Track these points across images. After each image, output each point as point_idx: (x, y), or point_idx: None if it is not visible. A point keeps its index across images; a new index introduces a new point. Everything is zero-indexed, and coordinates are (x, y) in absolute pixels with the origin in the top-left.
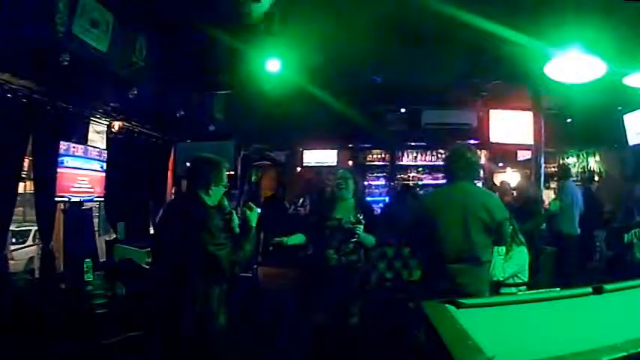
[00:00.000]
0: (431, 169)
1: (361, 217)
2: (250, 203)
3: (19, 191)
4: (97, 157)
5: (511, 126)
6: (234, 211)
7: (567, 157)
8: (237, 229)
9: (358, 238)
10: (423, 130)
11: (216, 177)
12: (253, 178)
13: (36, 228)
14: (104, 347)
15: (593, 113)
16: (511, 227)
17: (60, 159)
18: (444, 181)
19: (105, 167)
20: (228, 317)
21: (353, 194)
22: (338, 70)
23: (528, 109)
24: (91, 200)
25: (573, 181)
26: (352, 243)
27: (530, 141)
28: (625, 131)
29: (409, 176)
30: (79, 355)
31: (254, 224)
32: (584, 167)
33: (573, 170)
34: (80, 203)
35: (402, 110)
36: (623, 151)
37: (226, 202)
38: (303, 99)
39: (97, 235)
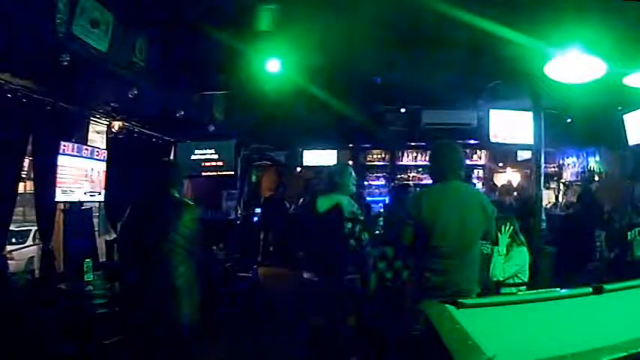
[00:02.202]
0: None
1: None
2: None
3: (19, 191)
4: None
5: (511, 126)
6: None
7: (567, 157)
8: None
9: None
10: (423, 130)
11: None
12: (253, 178)
13: (36, 228)
14: (104, 347)
15: (593, 113)
16: (512, 227)
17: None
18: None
19: (105, 167)
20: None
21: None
22: (338, 70)
23: (528, 109)
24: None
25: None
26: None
27: (530, 141)
28: (625, 131)
29: (409, 176)
30: (79, 355)
31: None
32: (584, 167)
33: (573, 170)
34: (80, 203)
35: (402, 110)
36: (623, 151)
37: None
38: (303, 99)
39: (97, 235)
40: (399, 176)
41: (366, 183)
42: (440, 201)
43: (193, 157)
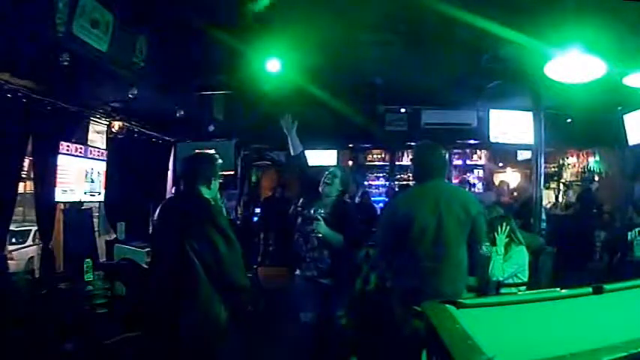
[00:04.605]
0: None
1: (322, 214)
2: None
3: (19, 191)
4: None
5: (511, 126)
6: (223, 205)
7: (567, 157)
8: None
9: (316, 233)
10: (423, 130)
11: (214, 171)
12: (253, 178)
13: (36, 228)
14: (104, 347)
15: (593, 113)
16: (508, 227)
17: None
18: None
19: (105, 167)
20: (229, 316)
21: (338, 193)
22: (338, 70)
23: (528, 109)
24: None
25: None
26: (315, 238)
27: (530, 141)
28: (625, 131)
29: (409, 176)
30: (79, 355)
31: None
32: (584, 167)
33: (573, 170)
34: (80, 203)
35: (402, 110)
36: (623, 151)
37: (218, 196)
38: (303, 99)
39: (97, 235)
40: (398, 176)
41: (366, 183)
42: (416, 202)
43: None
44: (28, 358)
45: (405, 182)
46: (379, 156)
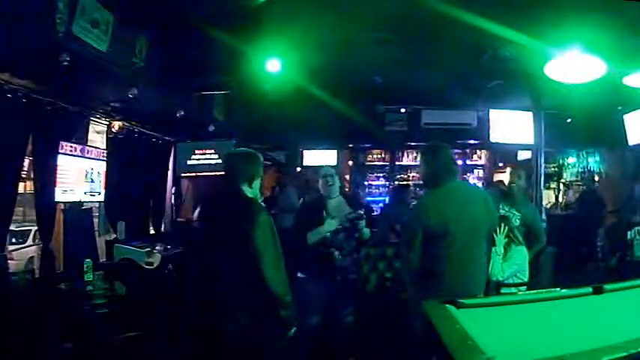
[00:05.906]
0: None
1: (362, 212)
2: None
3: (19, 191)
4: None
5: (511, 126)
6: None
7: (567, 157)
8: None
9: (361, 234)
10: (423, 130)
11: (257, 170)
12: None
13: (36, 228)
14: (104, 347)
15: (593, 113)
16: (506, 227)
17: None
18: None
19: (105, 167)
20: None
21: (339, 189)
22: (338, 70)
23: (528, 109)
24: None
25: None
26: (354, 240)
27: (530, 141)
28: (625, 131)
29: (409, 176)
30: (79, 355)
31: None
32: (584, 167)
33: (573, 170)
34: (80, 203)
35: (402, 110)
36: (623, 151)
37: (259, 195)
38: (303, 99)
39: (97, 235)
40: (398, 176)
41: (366, 183)
42: (448, 204)
43: (193, 157)
44: (28, 358)
45: (405, 182)
46: (379, 156)
